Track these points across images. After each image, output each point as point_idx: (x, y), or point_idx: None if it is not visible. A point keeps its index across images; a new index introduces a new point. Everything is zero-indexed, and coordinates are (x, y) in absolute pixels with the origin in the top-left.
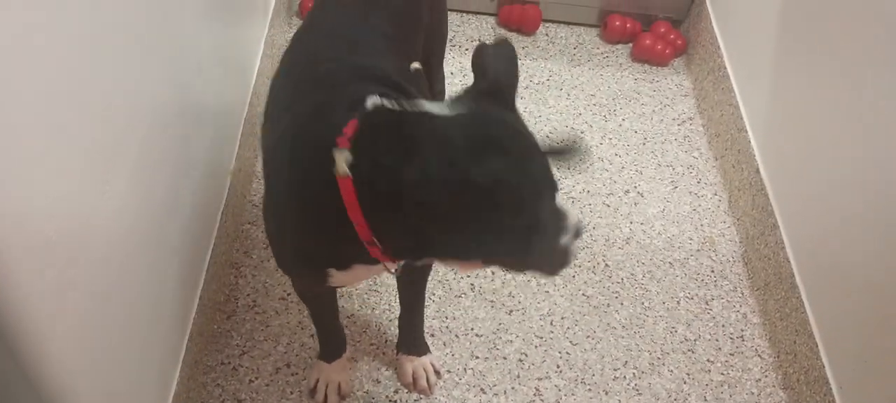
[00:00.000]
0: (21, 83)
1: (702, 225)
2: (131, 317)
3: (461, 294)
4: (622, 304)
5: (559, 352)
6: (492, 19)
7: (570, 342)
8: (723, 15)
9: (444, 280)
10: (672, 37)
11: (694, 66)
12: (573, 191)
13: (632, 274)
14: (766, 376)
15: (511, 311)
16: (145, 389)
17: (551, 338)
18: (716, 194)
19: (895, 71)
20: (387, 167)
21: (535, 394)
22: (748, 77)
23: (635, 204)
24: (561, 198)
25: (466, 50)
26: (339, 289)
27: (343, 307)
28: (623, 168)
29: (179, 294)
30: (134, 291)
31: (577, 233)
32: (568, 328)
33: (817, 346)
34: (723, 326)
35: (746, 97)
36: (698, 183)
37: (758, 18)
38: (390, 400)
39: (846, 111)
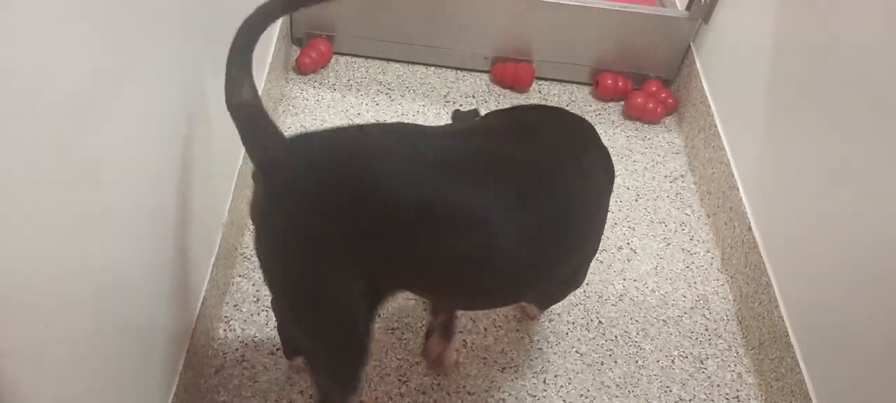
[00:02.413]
0: (10, 137)
1: (695, 283)
2: (117, 372)
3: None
4: (616, 362)
5: None
6: (486, 77)
7: (564, 400)
8: (713, 74)
9: None
10: (663, 95)
11: (685, 124)
12: None
13: (625, 332)
14: None
15: (504, 368)
16: None
17: (544, 397)
18: (708, 251)
19: (885, 130)
20: None
21: None
22: (739, 135)
23: (628, 260)
24: None
25: (460, 106)
26: None
27: None
28: (616, 224)
29: (167, 347)
30: (120, 345)
31: None
32: (561, 386)
33: None
34: (718, 386)
35: (737, 155)
36: (691, 240)
37: (747, 78)
38: None
39: (837, 169)
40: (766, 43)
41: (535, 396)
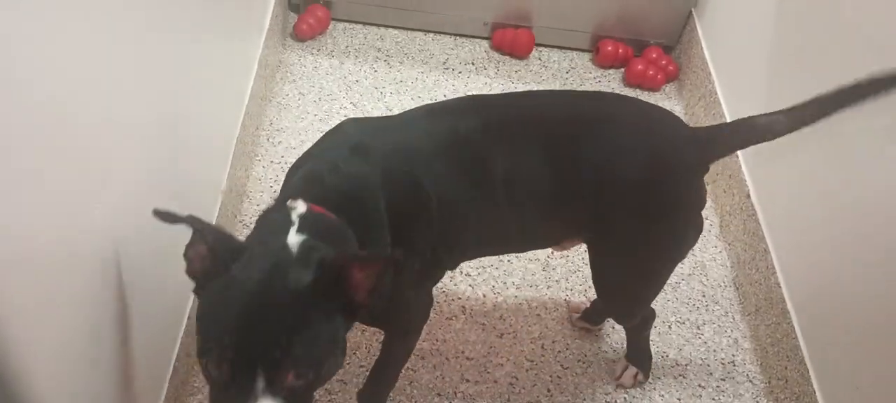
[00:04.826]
0: (14, 101)
1: (693, 250)
2: (116, 335)
3: (452, 316)
4: (614, 328)
5: (550, 376)
6: (485, 43)
7: (562, 366)
8: (713, 41)
9: (434, 302)
10: (664, 62)
11: (686, 92)
12: None
13: None
14: (758, 401)
15: (502, 334)
16: None
17: (542, 362)
18: (707, 219)
19: (886, 98)
20: None
21: None
22: (739, 103)
23: None
24: None
25: (459, 73)
26: None
27: None
28: None
29: (167, 312)
30: (120, 309)
31: None
32: (559, 352)
33: (808, 372)
34: (714, 351)
35: None
36: None
37: (748, 45)
38: None
39: (837, 137)
40: (767, 10)
41: (532, 361)
